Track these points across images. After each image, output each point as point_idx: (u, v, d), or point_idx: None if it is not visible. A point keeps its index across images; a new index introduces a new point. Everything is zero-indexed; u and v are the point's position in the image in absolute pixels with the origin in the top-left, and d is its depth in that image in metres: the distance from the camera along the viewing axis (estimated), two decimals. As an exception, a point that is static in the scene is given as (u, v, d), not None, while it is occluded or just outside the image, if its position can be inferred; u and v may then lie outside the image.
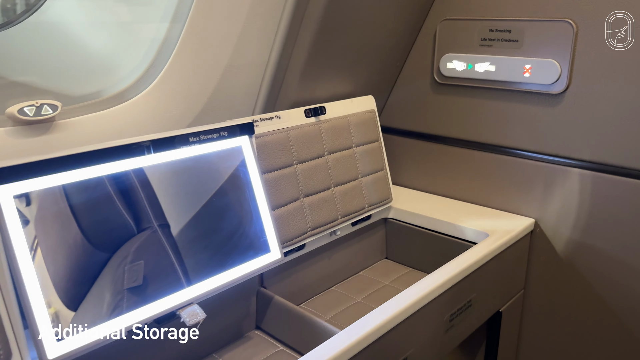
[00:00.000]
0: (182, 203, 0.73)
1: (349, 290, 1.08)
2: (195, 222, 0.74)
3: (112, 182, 0.66)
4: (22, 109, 0.76)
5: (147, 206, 0.69)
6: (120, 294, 0.65)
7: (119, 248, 0.65)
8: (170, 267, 0.70)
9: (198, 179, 0.75)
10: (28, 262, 0.58)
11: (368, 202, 1.08)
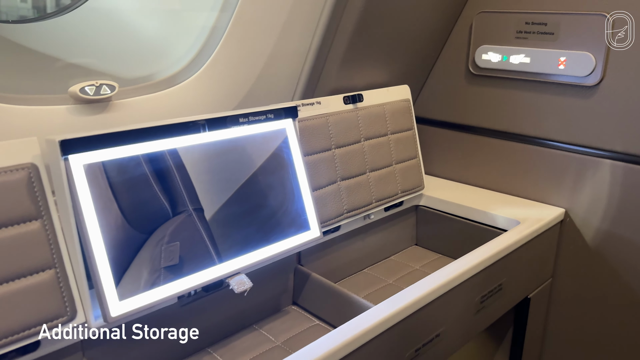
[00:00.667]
0: (230, 180, 0.78)
1: (380, 273, 1.12)
2: (242, 198, 0.78)
3: (170, 157, 0.71)
4: (83, 88, 0.81)
5: (199, 183, 0.73)
6: (167, 265, 0.70)
7: (174, 218, 0.70)
8: (225, 237, 0.75)
9: (245, 157, 0.80)
10: (95, 227, 0.63)
11: (401, 188, 1.11)
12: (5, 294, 0.60)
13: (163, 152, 0.71)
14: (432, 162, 1.30)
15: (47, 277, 0.63)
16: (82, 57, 0.95)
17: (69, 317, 0.65)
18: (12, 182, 0.61)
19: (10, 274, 0.60)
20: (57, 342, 0.67)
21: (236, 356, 0.84)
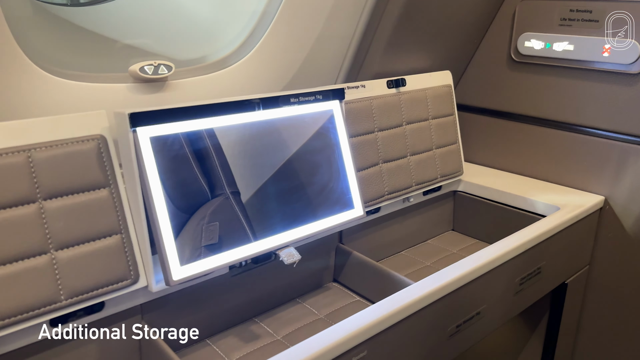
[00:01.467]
0: (280, 157, 0.81)
1: (418, 255, 1.14)
2: (291, 175, 0.82)
3: (227, 133, 0.74)
4: (142, 67, 0.85)
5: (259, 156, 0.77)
6: (224, 234, 0.74)
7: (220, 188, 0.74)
8: (274, 211, 0.78)
9: (294, 136, 0.83)
10: (160, 196, 0.67)
11: (440, 173, 1.13)
12: (77, 255, 0.64)
13: (220, 129, 0.74)
14: (471, 149, 1.31)
15: (113, 242, 0.67)
16: (138, 38, 0.99)
17: (132, 280, 0.69)
18: (84, 152, 0.66)
19: (81, 238, 0.65)
20: (120, 304, 0.71)
21: (281, 326, 0.87)
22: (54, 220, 0.63)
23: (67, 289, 0.63)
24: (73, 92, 0.80)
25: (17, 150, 0.61)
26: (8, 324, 0.59)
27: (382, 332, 0.69)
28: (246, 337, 0.84)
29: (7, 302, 0.59)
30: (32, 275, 0.61)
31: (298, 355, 0.60)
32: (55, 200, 0.63)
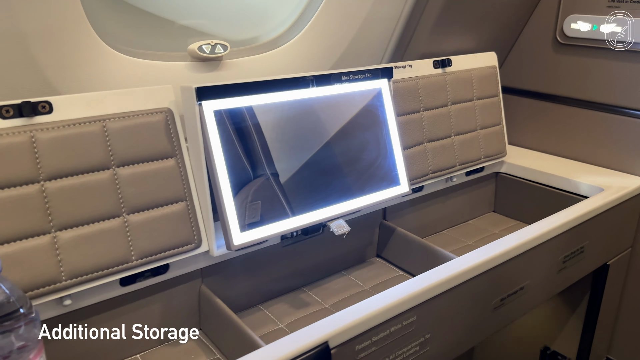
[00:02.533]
0: (331, 133, 0.84)
1: (459, 234, 1.16)
2: (341, 150, 0.85)
3: (283, 108, 0.78)
4: (201, 46, 0.89)
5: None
6: (279, 204, 0.77)
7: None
8: (324, 185, 0.82)
9: (344, 113, 0.86)
10: (222, 166, 0.72)
11: (484, 153, 1.14)
12: (146, 220, 0.69)
13: (276, 104, 0.78)
14: (513, 131, 1.32)
15: (179, 208, 0.72)
16: (194, 19, 1.03)
17: (195, 244, 0.74)
18: (153, 123, 0.70)
19: (150, 203, 0.70)
20: (182, 267, 0.76)
21: (329, 295, 0.91)
22: (126, 186, 0.68)
23: (137, 250, 0.68)
24: (137, 69, 0.85)
25: (94, 120, 0.66)
26: (87, 279, 0.64)
27: (431, 300, 0.72)
28: (296, 304, 0.88)
29: (86, 260, 0.64)
30: (107, 236, 0.66)
31: (355, 314, 0.64)
32: (127, 167, 0.68)
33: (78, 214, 0.64)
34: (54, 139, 0.63)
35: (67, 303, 0.65)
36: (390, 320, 0.67)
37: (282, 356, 0.56)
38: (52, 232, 0.62)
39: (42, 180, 0.62)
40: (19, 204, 0.60)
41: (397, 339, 0.69)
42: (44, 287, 0.61)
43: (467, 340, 0.82)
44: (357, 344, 0.64)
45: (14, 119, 0.61)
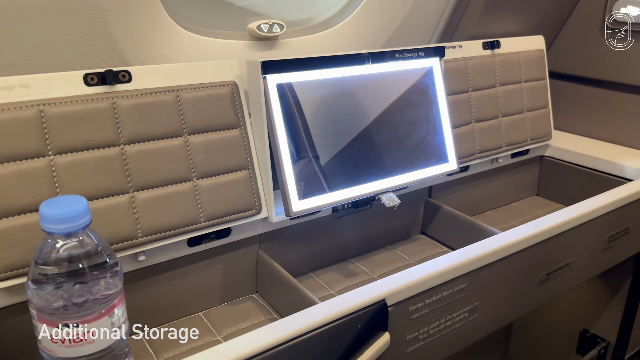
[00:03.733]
0: (384, 109, 0.87)
1: (503, 215, 1.18)
2: (393, 126, 0.88)
3: (341, 84, 0.81)
4: (259, 25, 0.93)
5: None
6: (334, 176, 0.81)
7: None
8: (375, 159, 0.85)
9: (396, 90, 0.89)
10: (283, 136, 0.76)
11: (530, 136, 1.16)
12: (213, 185, 0.74)
13: (334, 79, 0.81)
14: (559, 116, 1.32)
15: (242, 176, 0.77)
16: (247, 0, 1.07)
17: (256, 210, 0.78)
18: (220, 95, 0.75)
19: (217, 170, 0.74)
20: (243, 232, 0.81)
21: (376, 267, 0.95)
22: (196, 152, 0.73)
23: (205, 213, 0.73)
24: (200, 46, 0.90)
25: (169, 90, 0.71)
26: (160, 237, 0.69)
27: (481, 269, 0.75)
28: (345, 273, 0.92)
29: (159, 219, 0.69)
30: (179, 198, 0.71)
31: (411, 276, 0.67)
32: (197, 135, 0.73)
33: (153, 177, 0.69)
34: (133, 106, 0.68)
35: (142, 259, 0.70)
36: (442, 285, 0.70)
37: (344, 309, 0.60)
38: (131, 192, 0.67)
39: (122, 144, 0.67)
40: (102, 165, 0.65)
41: (448, 304, 0.72)
42: (122, 242, 0.67)
43: (512, 311, 0.85)
44: (412, 305, 0.67)
45: (98, 86, 0.67)
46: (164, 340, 0.73)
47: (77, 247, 0.55)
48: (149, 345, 0.72)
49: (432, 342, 0.72)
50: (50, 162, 0.62)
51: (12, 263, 0.60)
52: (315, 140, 0.79)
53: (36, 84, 0.63)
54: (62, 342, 0.55)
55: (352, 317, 0.60)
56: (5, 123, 0.60)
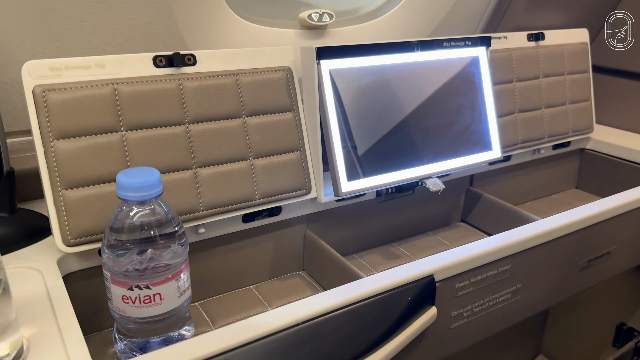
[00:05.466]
0: (431, 96, 0.90)
1: (543, 206, 1.19)
2: (439, 113, 0.90)
3: (391, 70, 0.84)
4: (310, 14, 0.97)
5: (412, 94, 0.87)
6: (382, 160, 0.84)
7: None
8: (421, 145, 0.88)
9: (443, 78, 0.91)
10: (335, 120, 0.79)
11: (572, 128, 1.16)
12: (268, 165, 0.78)
13: (384, 66, 0.84)
14: (601, 110, 1.32)
15: (294, 157, 0.80)
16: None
17: (306, 191, 0.82)
18: (276, 79, 0.79)
19: (271, 151, 0.78)
20: (293, 211, 0.84)
21: (418, 251, 0.97)
22: (253, 133, 0.77)
23: (260, 190, 0.77)
24: (254, 34, 0.94)
25: (230, 74, 0.75)
26: (219, 212, 0.74)
27: (524, 252, 0.77)
28: (387, 256, 0.95)
29: (219, 195, 0.73)
30: (237, 176, 0.75)
31: (458, 255, 0.70)
32: (254, 117, 0.77)
33: (215, 155, 0.73)
34: (197, 88, 0.72)
35: (202, 231, 0.75)
36: (487, 265, 0.73)
37: (394, 282, 0.63)
38: (194, 169, 0.72)
39: (187, 123, 0.71)
40: (169, 141, 0.70)
41: (492, 284, 0.75)
42: (185, 214, 0.71)
43: (553, 296, 0.87)
44: (458, 282, 0.70)
45: (165, 68, 0.71)
46: (219, 309, 0.78)
47: (149, 215, 0.60)
48: (205, 313, 0.77)
49: (475, 320, 0.75)
50: (123, 138, 0.67)
51: (87, 229, 0.65)
52: (364, 125, 0.82)
53: (111, 64, 0.68)
54: (132, 303, 0.60)
55: (402, 290, 0.64)
56: (83, 99, 0.65)
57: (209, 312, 0.77)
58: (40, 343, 0.52)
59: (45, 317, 0.56)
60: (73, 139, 0.65)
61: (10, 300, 0.50)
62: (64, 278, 0.66)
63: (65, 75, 0.65)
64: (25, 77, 0.63)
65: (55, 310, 0.56)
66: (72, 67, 0.66)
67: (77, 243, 0.65)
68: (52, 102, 0.63)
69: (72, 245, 0.65)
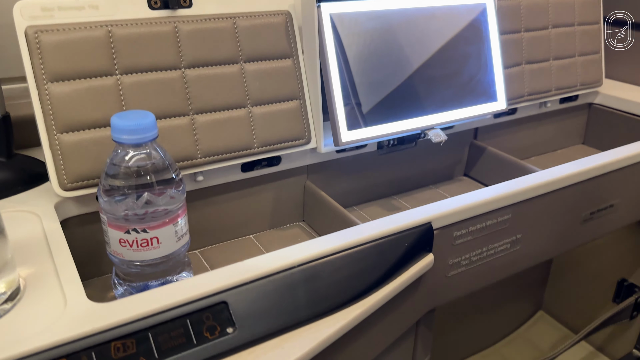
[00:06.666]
0: (433, 44, 0.87)
1: (548, 161, 1.17)
2: (443, 62, 0.88)
3: (395, 16, 0.82)
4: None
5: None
6: (383, 109, 0.82)
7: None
8: (424, 94, 0.86)
9: (448, 26, 0.89)
10: (335, 67, 0.77)
11: (580, 81, 1.14)
12: (267, 113, 0.76)
13: (388, 11, 0.82)
14: (611, 63, 1.29)
15: (294, 105, 0.79)
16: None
17: (305, 140, 0.81)
18: (275, 24, 0.77)
19: (270, 98, 0.77)
20: (292, 161, 0.84)
21: (419, 204, 0.94)
22: (251, 80, 0.75)
23: (258, 139, 0.76)
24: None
25: (227, 17, 0.73)
26: (217, 159, 0.73)
27: (525, 201, 0.76)
28: (388, 208, 0.95)
29: (217, 142, 0.73)
30: (235, 123, 0.74)
31: (457, 203, 0.70)
32: (252, 63, 0.75)
33: (212, 101, 0.72)
34: (193, 31, 0.70)
35: (200, 179, 0.74)
36: (487, 214, 0.72)
37: (392, 228, 0.63)
38: (191, 115, 0.71)
39: (183, 68, 0.70)
40: (164, 86, 0.69)
41: (492, 233, 0.74)
42: (183, 161, 0.70)
43: (554, 247, 0.86)
44: (456, 231, 0.70)
45: (160, 10, 0.69)
46: (218, 256, 0.78)
47: (145, 159, 0.59)
48: (205, 260, 0.78)
49: (473, 269, 0.75)
50: (118, 81, 0.66)
51: (84, 174, 0.65)
52: (366, 72, 0.81)
53: (104, 5, 0.66)
54: (129, 246, 0.60)
55: (399, 236, 0.63)
56: (77, 41, 0.63)
57: (209, 260, 0.78)
58: (37, 282, 0.52)
59: (42, 258, 0.56)
60: (67, 81, 0.64)
61: (6, 241, 0.50)
62: (62, 223, 0.66)
63: (58, 16, 0.64)
64: (17, 17, 0.62)
65: (52, 252, 0.57)
66: (65, 7, 0.64)
67: (74, 187, 0.65)
68: (45, 44, 0.62)
69: (69, 189, 0.64)
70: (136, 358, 0.46)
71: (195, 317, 0.50)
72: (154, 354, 0.47)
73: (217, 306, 0.51)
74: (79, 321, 0.47)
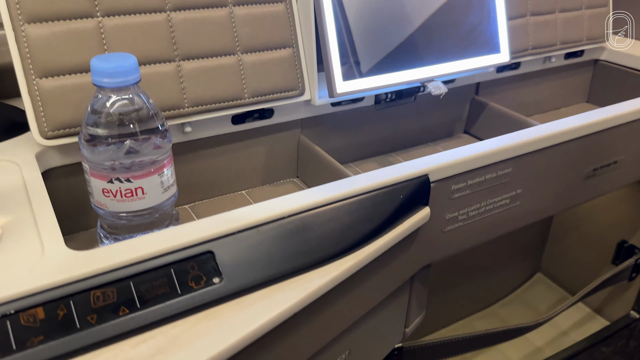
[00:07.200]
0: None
1: (551, 119, 1.12)
2: (445, 11, 0.84)
3: (392, -41, 0.77)
4: None
5: None
6: (380, 59, 0.79)
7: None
8: (423, 45, 0.82)
9: (450, -26, 0.84)
10: (330, 13, 0.73)
11: (586, 35, 1.09)
12: (258, 61, 0.73)
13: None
14: (618, 20, 1.24)
15: (287, 54, 0.75)
16: None
17: (299, 92, 0.77)
18: (267, -34, 0.72)
19: (261, 45, 0.73)
20: (285, 115, 0.80)
21: (416, 160, 0.94)
22: (241, 25, 0.71)
23: (249, 89, 0.73)
24: None
25: (215, -43, 0.69)
26: (206, 110, 0.70)
27: (526, 155, 0.74)
28: (384, 164, 0.91)
29: (205, 91, 0.69)
30: (224, 71, 0.70)
31: (455, 155, 0.67)
32: (242, 7, 0.71)
33: (199, 47, 0.68)
34: (179, -28, 0.66)
35: (188, 130, 0.71)
36: (486, 167, 0.70)
37: (388, 179, 0.61)
38: (177, 61, 0.67)
39: (169, 10, 0.66)
40: (149, 30, 0.65)
41: (491, 188, 0.72)
42: (169, 110, 0.67)
43: (555, 204, 0.84)
44: (454, 184, 0.67)
45: (144, -51, 0.65)
46: (208, 210, 0.76)
47: (127, 105, 0.56)
48: (195, 215, 0.75)
49: (470, 224, 0.73)
50: (99, 24, 0.62)
51: (65, 122, 0.62)
52: (363, 19, 0.77)
53: (83, -58, 0.62)
54: (113, 196, 0.58)
55: (394, 188, 0.61)
56: (54, -20, 0.60)
57: (199, 214, 0.76)
58: (14, 230, 0.50)
59: (20, 207, 0.54)
60: (45, 23, 0.60)
61: (-19, 187, 0.48)
62: (46, 174, 0.63)
63: (33, -48, 0.60)
64: (-12, -47, 0.58)
65: (31, 201, 0.54)
66: (40, -57, 0.60)
67: (55, 136, 0.62)
68: (19, -18, 0.58)
69: (50, 137, 0.62)
70: (117, 307, 0.44)
71: (179, 266, 0.48)
72: (135, 303, 0.45)
73: (202, 256, 0.49)
74: (57, 269, 0.45)
